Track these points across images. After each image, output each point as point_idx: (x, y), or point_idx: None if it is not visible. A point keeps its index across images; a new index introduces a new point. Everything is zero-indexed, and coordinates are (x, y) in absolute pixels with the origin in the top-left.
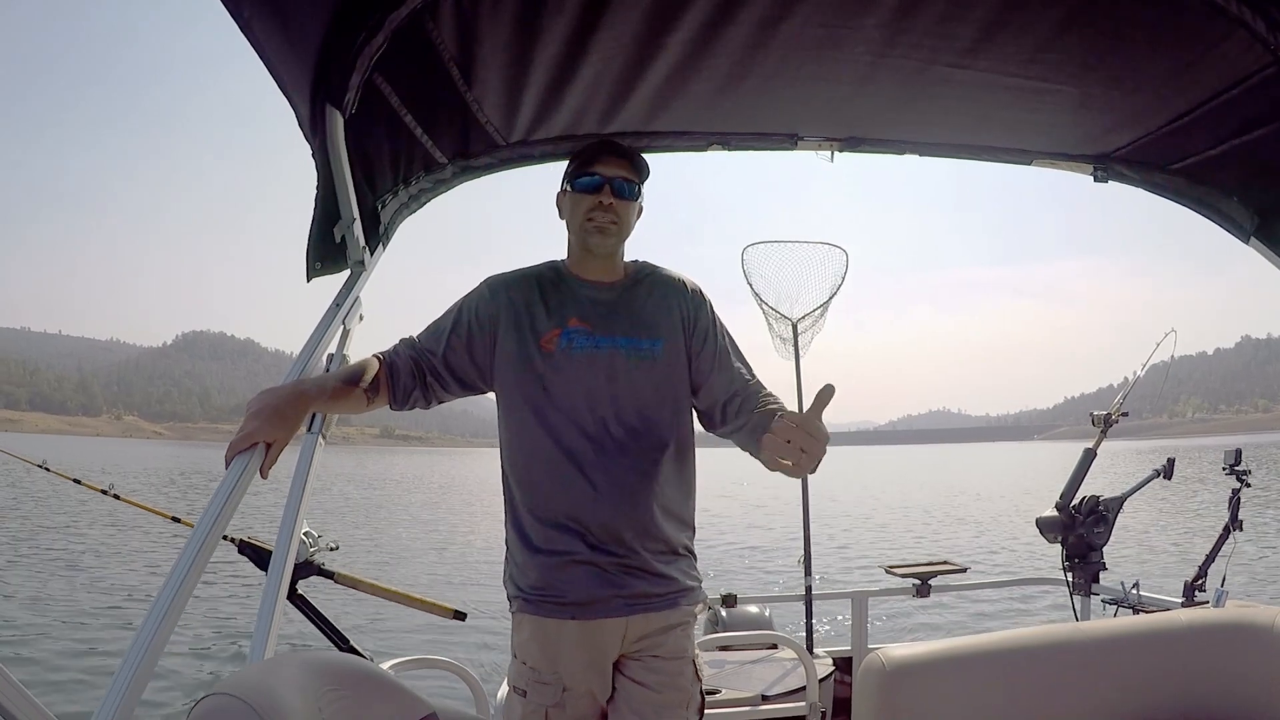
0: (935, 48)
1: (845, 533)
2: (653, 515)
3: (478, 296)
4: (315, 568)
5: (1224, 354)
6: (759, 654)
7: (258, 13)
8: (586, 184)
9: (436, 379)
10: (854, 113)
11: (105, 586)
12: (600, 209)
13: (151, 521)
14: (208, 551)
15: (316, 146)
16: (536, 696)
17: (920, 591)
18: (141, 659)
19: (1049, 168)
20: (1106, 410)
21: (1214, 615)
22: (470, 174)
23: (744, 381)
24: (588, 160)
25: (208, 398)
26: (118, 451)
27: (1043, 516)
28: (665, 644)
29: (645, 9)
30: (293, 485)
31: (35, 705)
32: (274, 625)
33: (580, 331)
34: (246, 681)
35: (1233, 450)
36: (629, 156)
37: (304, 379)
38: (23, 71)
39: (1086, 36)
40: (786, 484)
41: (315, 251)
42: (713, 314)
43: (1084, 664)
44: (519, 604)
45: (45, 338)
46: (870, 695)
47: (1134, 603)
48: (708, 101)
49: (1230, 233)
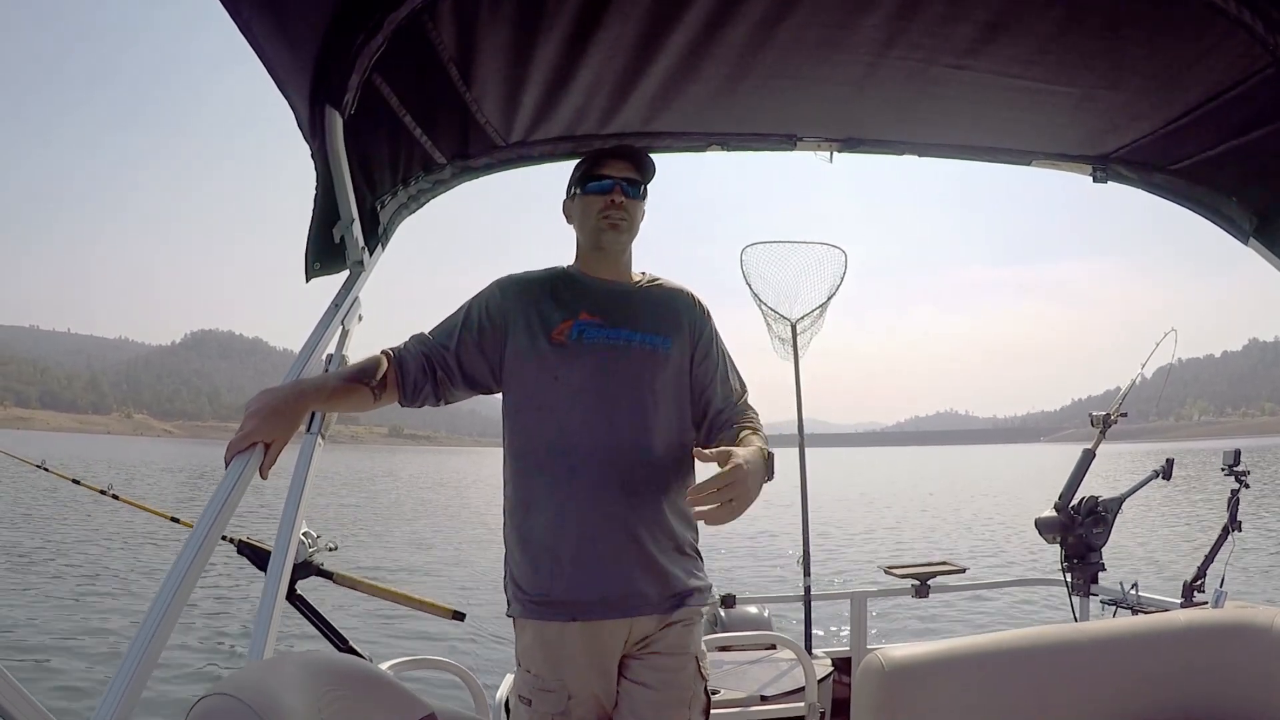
0: (935, 48)
1: (840, 531)
2: (659, 514)
3: (489, 295)
4: (314, 568)
5: (1231, 356)
6: (758, 654)
7: (257, 13)
8: (598, 187)
9: (447, 375)
10: (853, 113)
11: (105, 587)
12: (612, 207)
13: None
14: (207, 551)
15: (316, 147)
16: (541, 704)
17: (919, 592)
18: (141, 659)
19: (1048, 168)
20: (1105, 411)
21: (1213, 616)
22: (469, 174)
23: (733, 403)
24: (596, 164)
25: (217, 396)
26: (130, 451)
27: (1041, 517)
28: (666, 639)
29: (645, 9)
30: (292, 485)
31: (35, 705)
32: (273, 625)
33: (593, 323)
34: (246, 681)
35: (1231, 451)
36: (633, 158)
37: (303, 379)
38: (30, 71)
39: (1086, 37)
40: (788, 484)
41: (314, 252)
42: (714, 329)
43: (1083, 664)
44: (519, 608)
45: (54, 336)
46: (869, 696)
47: (1133, 603)
48: (707, 102)
49: (1229, 233)
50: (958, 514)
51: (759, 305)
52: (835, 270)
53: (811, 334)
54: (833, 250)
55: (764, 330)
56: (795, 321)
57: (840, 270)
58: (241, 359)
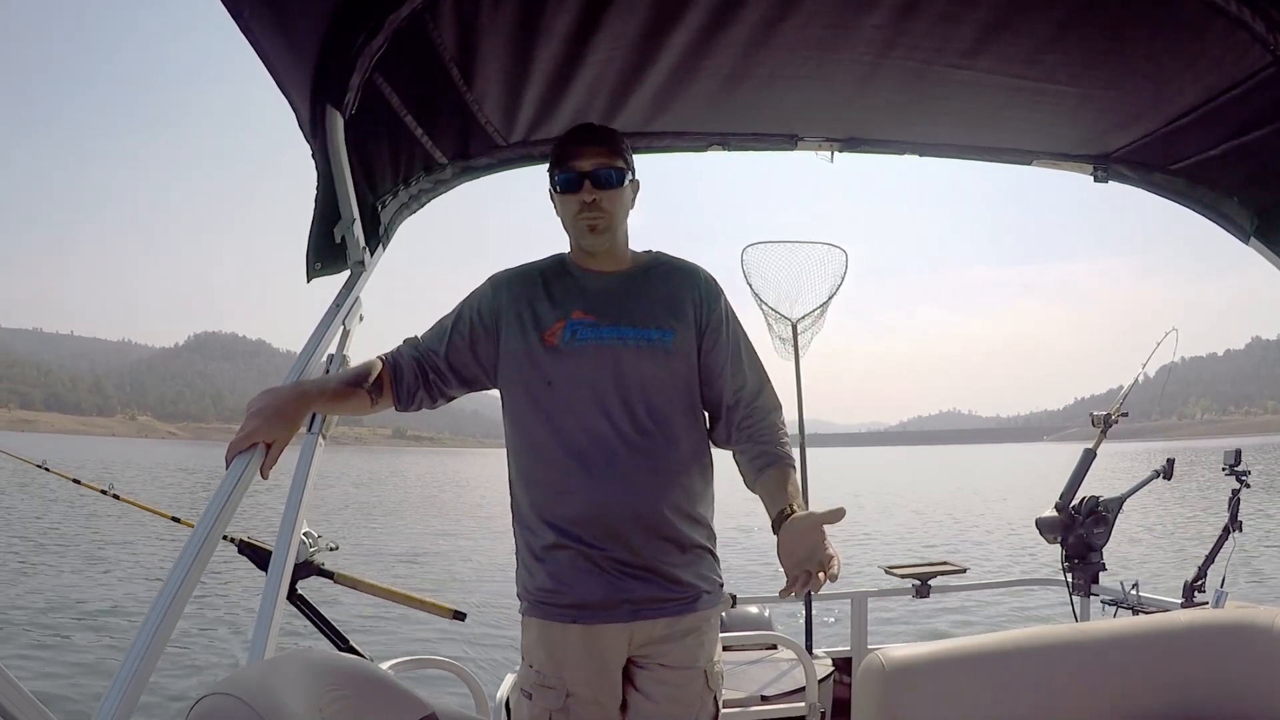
0: (935, 48)
1: (841, 531)
2: (663, 515)
3: (480, 294)
4: (315, 568)
5: (1234, 355)
6: (758, 654)
7: (257, 13)
8: (565, 183)
9: (440, 377)
10: (854, 113)
11: (106, 586)
12: (585, 208)
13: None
14: (208, 552)
15: (316, 147)
16: (541, 700)
17: (920, 592)
18: (141, 659)
19: (1049, 168)
20: (1106, 411)
21: (1213, 616)
22: (470, 174)
23: (752, 392)
24: (562, 155)
25: (220, 398)
26: (136, 453)
27: (1042, 517)
28: (673, 652)
29: (645, 9)
30: (293, 485)
31: (35, 705)
32: (274, 625)
33: (585, 323)
34: (246, 681)
35: (1232, 451)
36: (605, 140)
37: (305, 379)
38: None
39: (1086, 37)
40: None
41: (315, 252)
42: (726, 308)
43: (1083, 665)
44: (525, 606)
45: (57, 338)
46: (869, 696)
47: (1133, 603)
48: (707, 102)
49: (1230, 233)
50: (956, 514)
51: (760, 305)
52: (836, 270)
53: (812, 334)
54: (833, 250)
55: (765, 330)
56: (796, 321)
57: (841, 270)
58: (245, 361)
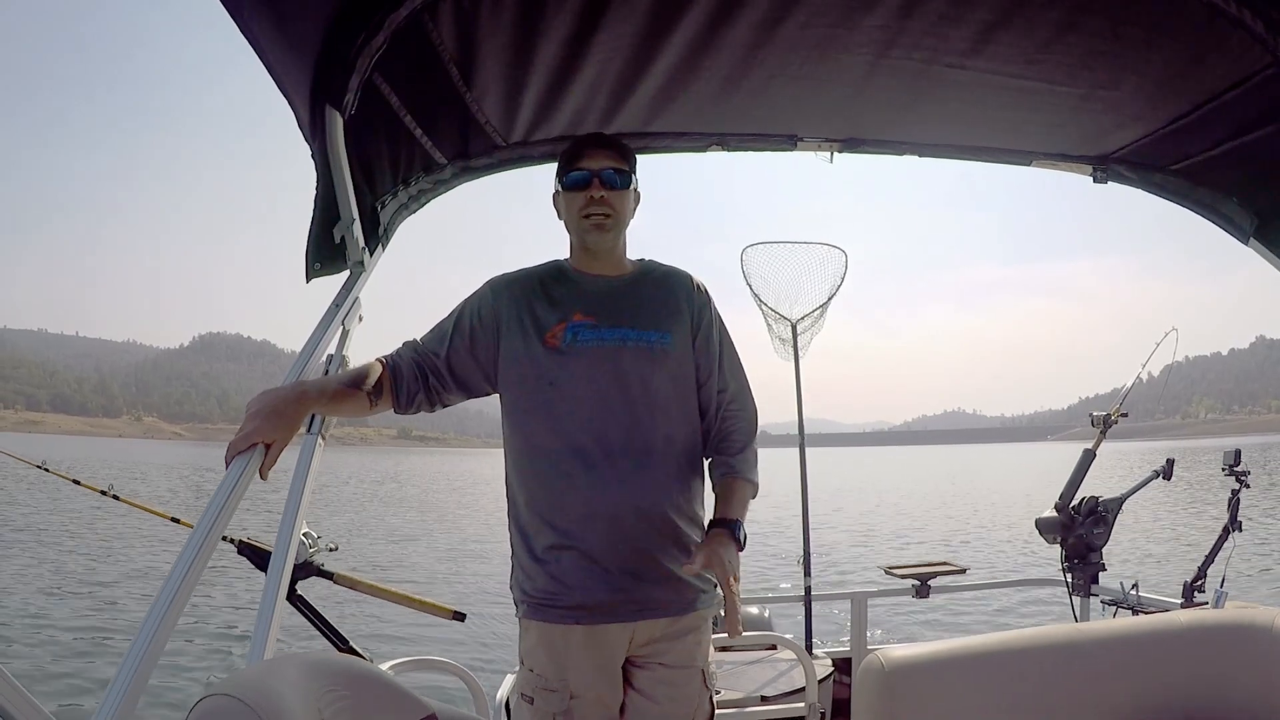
0: (935, 48)
1: (841, 531)
2: (664, 514)
3: (480, 297)
4: (314, 568)
5: (1238, 354)
6: (758, 655)
7: (257, 13)
8: (574, 180)
9: (439, 381)
10: (853, 113)
11: (106, 585)
12: (593, 204)
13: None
14: (207, 552)
15: (316, 147)
16: (544, 704)
17: (920, 592)
18: (141, 659)
19: (1049, 168)
20: (1105, 411)
21: (1213, 616)
22: (470, 174)
23: (731, 396)
24: (573, 156)
25: (226, 398)
26: (145, 454)
27: (1042, 517)
28: (673, 651)
29: (645, 9)
30: (292, 486)
31: (35, 705)
32: (273, 626)
33: (586, 325)
34: (246, 682)
35: (1232, 451)
36: (614, 146)
37: (304, 380)
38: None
39: (1086, 37)
40: (787, 484)
41: (315, 252)
42: (715, 314)
43: (1083, 665)
44: (524, 609)
45: (63, 339)
46: (869, 696)
47: (1133, 603)
48: (707, 102)
49: (1230, 233)
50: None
51: (759, 305)
52: (835, 270)
53: (812, 334)
54: (833, 250)
55: (765, 330)
56: (796, 322)
57: (840, 270)
58: (250, 361)
